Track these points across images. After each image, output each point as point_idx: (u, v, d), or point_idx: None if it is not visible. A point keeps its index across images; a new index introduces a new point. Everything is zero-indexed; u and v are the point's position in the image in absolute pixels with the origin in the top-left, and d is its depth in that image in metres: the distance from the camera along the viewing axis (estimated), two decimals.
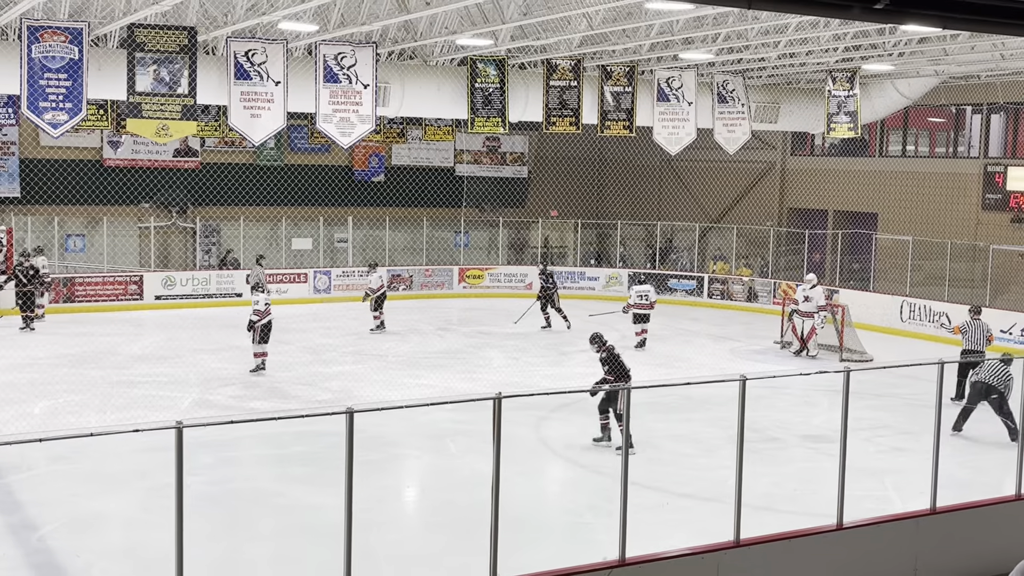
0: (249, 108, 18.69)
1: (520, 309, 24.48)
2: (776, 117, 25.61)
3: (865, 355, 20.43)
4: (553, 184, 33.74)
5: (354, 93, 19.34)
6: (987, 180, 25.84)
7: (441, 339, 22.38)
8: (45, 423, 14.26)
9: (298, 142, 30.82)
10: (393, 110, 21.56)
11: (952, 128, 27.84)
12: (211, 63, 18.94)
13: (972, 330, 16.86)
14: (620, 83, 22.78)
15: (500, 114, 21.84)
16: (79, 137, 27.06)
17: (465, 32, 19.05)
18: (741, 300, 27.92)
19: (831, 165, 29.77)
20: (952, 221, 25.75)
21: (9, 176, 27.12)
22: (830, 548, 8.96)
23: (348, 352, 20.39)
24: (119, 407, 15.23)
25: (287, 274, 27.12)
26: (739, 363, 19.99)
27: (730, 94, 24.12)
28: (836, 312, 21.24)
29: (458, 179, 33.19)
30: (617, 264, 30.48)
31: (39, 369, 17.75)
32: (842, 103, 23.76)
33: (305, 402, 16.07)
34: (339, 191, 31.36)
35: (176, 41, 17.81)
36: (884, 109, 25.74)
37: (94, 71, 17.64)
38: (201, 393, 16.53)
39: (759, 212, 30.83)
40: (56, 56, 17.04)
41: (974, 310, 17.27)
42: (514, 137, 33.55)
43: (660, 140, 23.65)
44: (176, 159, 29.13)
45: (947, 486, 9.74)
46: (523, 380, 17.93)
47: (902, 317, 24.00)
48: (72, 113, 17.34)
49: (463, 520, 10.74)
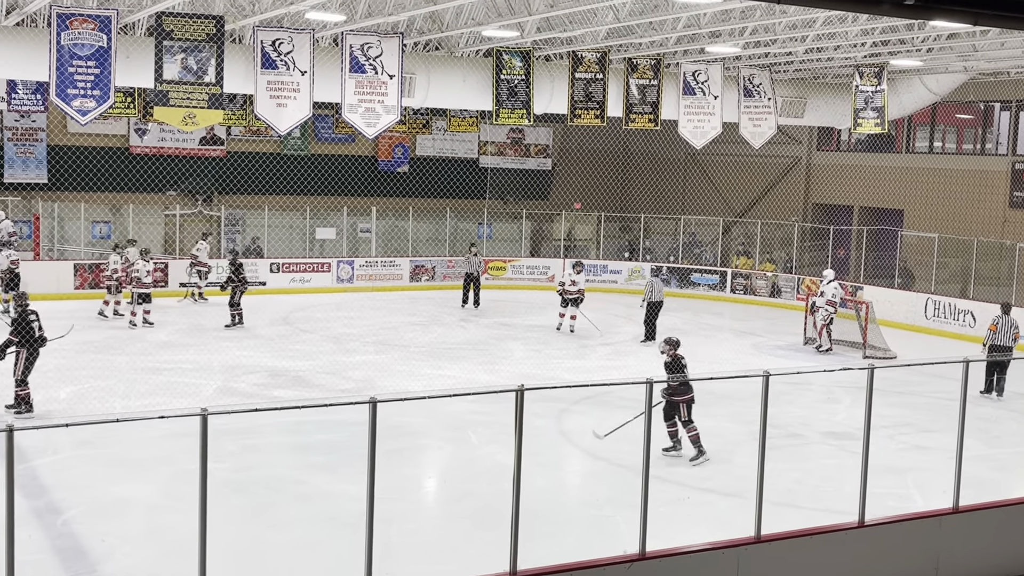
0: (275, 97, 18.76)
1: (540, 301, 24.48)
2: (802, 112, 25.47)
3: (889, 352, 20.33)
4: (577, 177, 33.70)
5: (380, 83, 19.37)
6: (1015, 177, 25.62)
7: (463, 330, 22.42)
8: (70, 408, 14.39)
9: (323, 132, 30.91)
10: (418, 101, 21.58)
11: (980, 125, 27.62)
12: (238, 52, 19.01)
13: (1004, 326, 17.03)
14: (646, 76, 22.71)
15: (525, 106, 21.82)
16: (106, 124, 27.23)
17: (491, 23, 19.04)
18: (764, 295, 27.82)
19: (857, 161, 29.60)
20: (979, 218, 25.55)
21: (37, 162, 27.32)
22: (851, 545, 8.94)
23: (371, 342, 20.45)
24: (143, 393, 15.35)
25: (311, 263, 27.21)
26: (762, 358, 19.93)
27: (756, 88, 24.00)
28: (860, 309, 21.15)
29: (482, 170, 33.20)
30: (640, 258, 30.39)
31: (65, 355, 17.86)
32: (869, 98, 23.61)
33: (328, 391, 16.13)
34: (363, 181, 31.43)
35: (204, 30, 17.88)
36: (911, 105, 25.56)
37: (122, 59, 17.74)
38: (225, 381, 16.62)
39: (784, 207, 30.69)
40: (85, 43, 17.15)
41: (1005, 307, 17.39)
42: (539, 129, 33.52)
43: (685, 134, 23.57)
44: (202, 147, 29.27)
45: (969, 485, 9.68)
46: (544, 372, 17.94)
47: (927, 315, 23.85)
48: (100, 100, 17.45)
49: (483, 511, 10.77)
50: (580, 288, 21.98)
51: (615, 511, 11.03)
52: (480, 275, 25.73)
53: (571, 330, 21.88)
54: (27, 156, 27.14)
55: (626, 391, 14.18)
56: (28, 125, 27.00)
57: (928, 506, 10.60)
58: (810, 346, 21.35)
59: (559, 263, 29.74)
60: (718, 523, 10.14)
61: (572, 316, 21.97)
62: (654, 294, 21.36)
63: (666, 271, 29.20)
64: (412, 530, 10.41)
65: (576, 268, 22.42)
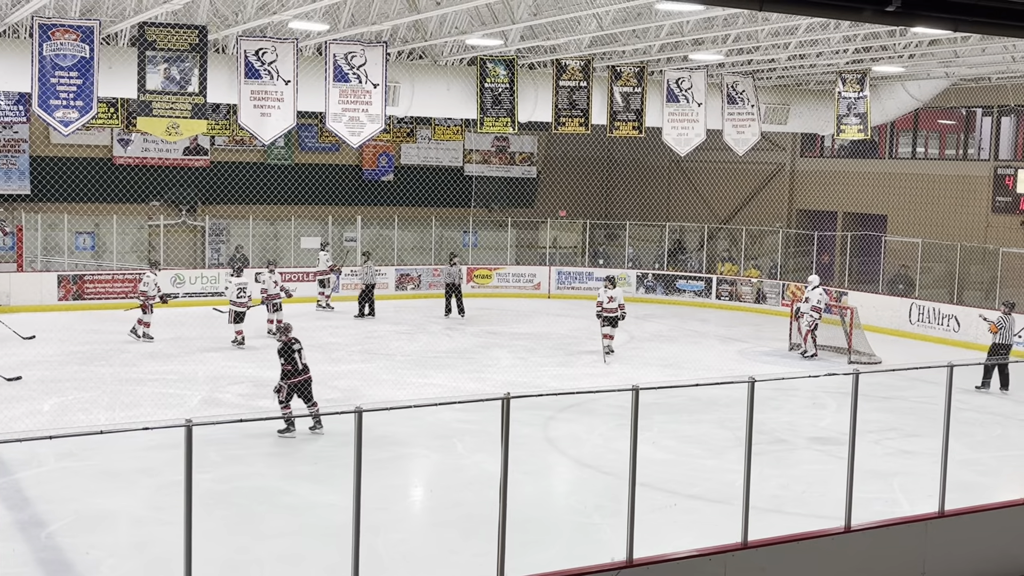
0: (259, 107, 18.73)
1: (526, 309, 24.45)
2: (786, 118, 25.57)
3: (874, 357, 20.40)
4: (562, 184, 33.73)
5: (364, 92, 19.36)
6: (997, 182, 25.77)
7: (449, 339, 22.39)
8: (54, 420, 14.30)
9: (308, 141, 30.86)
10: (402, 109, 21.58)
11: (962, 130, 27.76)
12: (221, 62, 18.98)
13: (1006, 325, 17.38)
14: (630, 84, 22.75)
15: (509, 114, 21.84)
16: (89, 135, 27.12)
17: (475, 32, 19.06)
18: (749, 301, 27.89)
19: (841, 167, 29.72)
20: (962, 224, 25.67)
21: (19, 173, 27.19)
22: (838, 550, 8.95)
23: (356, 351, 20.41)
24: (128, 405, 15.27)
25: (296, 273, 27.15)
26: (747, 364, 19.96)
27: (740, 95, 24.08)
28: (844, 314, 21.21)
29: (467, 179, 33.20)
30: (626, 265, 30.45)
31: (49, 366, 17.80)
32: (852, 105, 23.72)
33: None
34: (348, 190, 31.37)
35: (187, 40, 17.85)
36: (894, 111, 25.69)
37: (105, 69, 17.69)
38: (209, 391, 16.56)
39: (768, 213, 30.79)
40: (67, 54, 17.10)
41: (1007, 305, 17.78)
42: (523, 137, 33.55)
43: (669, 141, 23.63)
44: (186, 157, 29.18)
45: (955, 489, 9.72)
46: (530, 380, 17.93)
47: (911, 320, 23.95)
48: (83, 111, 17.39)
49: (470, 519, 10.74)
50: (620, 303, 19.95)
51: (602, 519, 11.03)
52: (461, 284, 25.66)
53: (611, 350, 20.04)
54: (10, 167, 27.00)
55: (612, 398, 14.20)
56: (10, 136, 26.87)
57: (914, 510, 10.64)
58: (795, 352, 21.41)
59: (544, 271, 29.77)
60: (705, 529, 10.14)
61: (610, 336, 20.10)
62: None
63: (651, 278, 29.28)
64: (399, 539, 10.37)
65: (610, 283, 20.27)
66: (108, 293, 25.04)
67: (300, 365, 13.88)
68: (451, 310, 25.16)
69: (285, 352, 13.85)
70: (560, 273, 29.81)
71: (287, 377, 13.78)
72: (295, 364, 13.82)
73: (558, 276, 29.74)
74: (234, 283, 20.60)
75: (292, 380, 13.80)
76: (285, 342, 13.91)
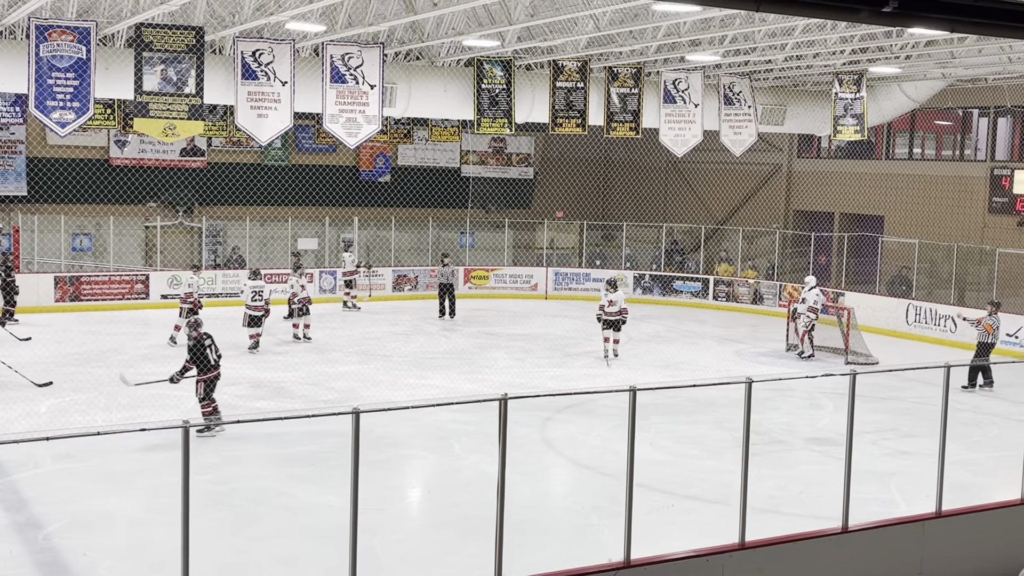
0: (256, 108, 18.71)
1: (523, 310, 24.46)
2: (782, 119, 25.58)
3: (871, 358, 20.42)
4: (559, 185, 33.74)
5: (360, 93, 19.35)
6: (994, 183, 25.78)
7: (446, 340, 22.39)
8: (51, 421, 14.29)
9: (304, 142, 30.85)
10: (399, 111, 21.57)
11: (959, 131, 27.78)
12: (218, 63, 18.97)
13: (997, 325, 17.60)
14: (626, 84, 22.76)
15: (506, 115, 21.83)
16: (86, 136, 27.10)
17: (472, 33, 19.06)
18: (747, 302, 27.90)
19: (837, 167, 29.74)
20: (959, 224, 25.69)
21: (16, 175, 27.17)
22: (835, 551, 8.96)
23: (353, 352, 20.40)
24: (125, 406, 15.26)
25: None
26: (744, 365, 19.97)
27: (736, 96, 24.09)
28: (841, 315, 21.23)
29: (464, 180, 33.21)
30: (623, 266, 30.45)
31: (45, 368, 17.77)
32: (849, 105, 23.73)
33: (310, 402, 16.08)
34: (345, 191, 31.38)
35: (183, 41, 17.83)
36: (891, 112, 25.70)
37: (101, 70, 17.67)
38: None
39: (765, 214, 30.80)
40: (64, 55, 17.08)
41: (994, 305, 18.07)
42: (520, 138, 33.55)
43: (666, 142, 23.63)
44: (183, 159, 29.17)
45: (952, 489, 9.73)
46: (528, 381, 17.93)
47: (908, 320, 23.97)
48: (79, 112, 17.37)
49: (468, 520, 10.74)
50: (621, 307, 19.92)
51: (600, 519, 11.04)
52: (455, 284, 25.67)
53: (615, 354, 19.94)
54: (6, 169, 26.98)
55: (609, 399, 14.19)
56: (7, 137, 26.86)
57: (911, 511, 10.65)
58: (792, 352, 21.42)
59: (542, 272, 29.77)
60: (702, 530, 10.14)
61: (615, 340, 20.05)
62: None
63: (649, 278, 29.29)
64: (396, 541, 10.37)
65: (611, 286, 20.27)
66: (105, 294, 25.01)
67: (213, 360, 13.95)
68: (445, 311, 25.17)
69: (197, 348, 13.85)
70: (557, 274, 29.81)
71: (202, 373, 13.85)
72: (207, 360, 13.87)
73: (555, 277, 29.74)
74: (249, 286, 20.32)
75: (207, 376, 13.89)
76: (196, 338, 13.91)
